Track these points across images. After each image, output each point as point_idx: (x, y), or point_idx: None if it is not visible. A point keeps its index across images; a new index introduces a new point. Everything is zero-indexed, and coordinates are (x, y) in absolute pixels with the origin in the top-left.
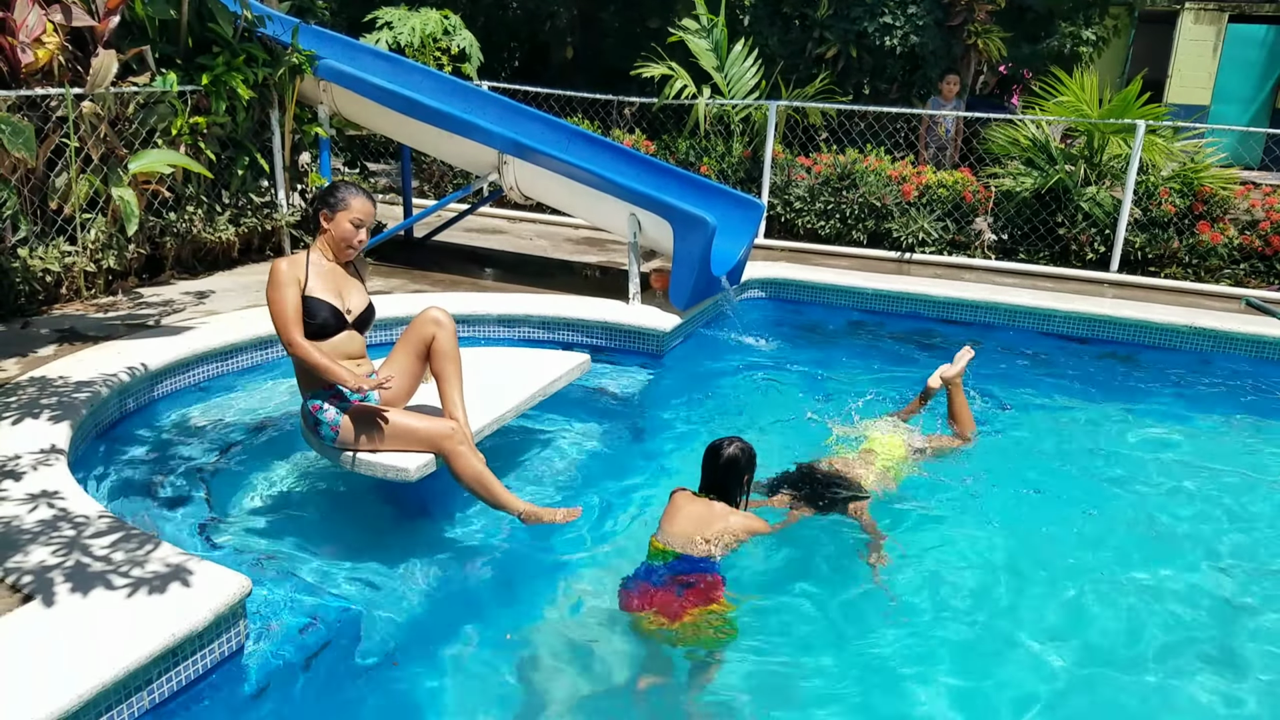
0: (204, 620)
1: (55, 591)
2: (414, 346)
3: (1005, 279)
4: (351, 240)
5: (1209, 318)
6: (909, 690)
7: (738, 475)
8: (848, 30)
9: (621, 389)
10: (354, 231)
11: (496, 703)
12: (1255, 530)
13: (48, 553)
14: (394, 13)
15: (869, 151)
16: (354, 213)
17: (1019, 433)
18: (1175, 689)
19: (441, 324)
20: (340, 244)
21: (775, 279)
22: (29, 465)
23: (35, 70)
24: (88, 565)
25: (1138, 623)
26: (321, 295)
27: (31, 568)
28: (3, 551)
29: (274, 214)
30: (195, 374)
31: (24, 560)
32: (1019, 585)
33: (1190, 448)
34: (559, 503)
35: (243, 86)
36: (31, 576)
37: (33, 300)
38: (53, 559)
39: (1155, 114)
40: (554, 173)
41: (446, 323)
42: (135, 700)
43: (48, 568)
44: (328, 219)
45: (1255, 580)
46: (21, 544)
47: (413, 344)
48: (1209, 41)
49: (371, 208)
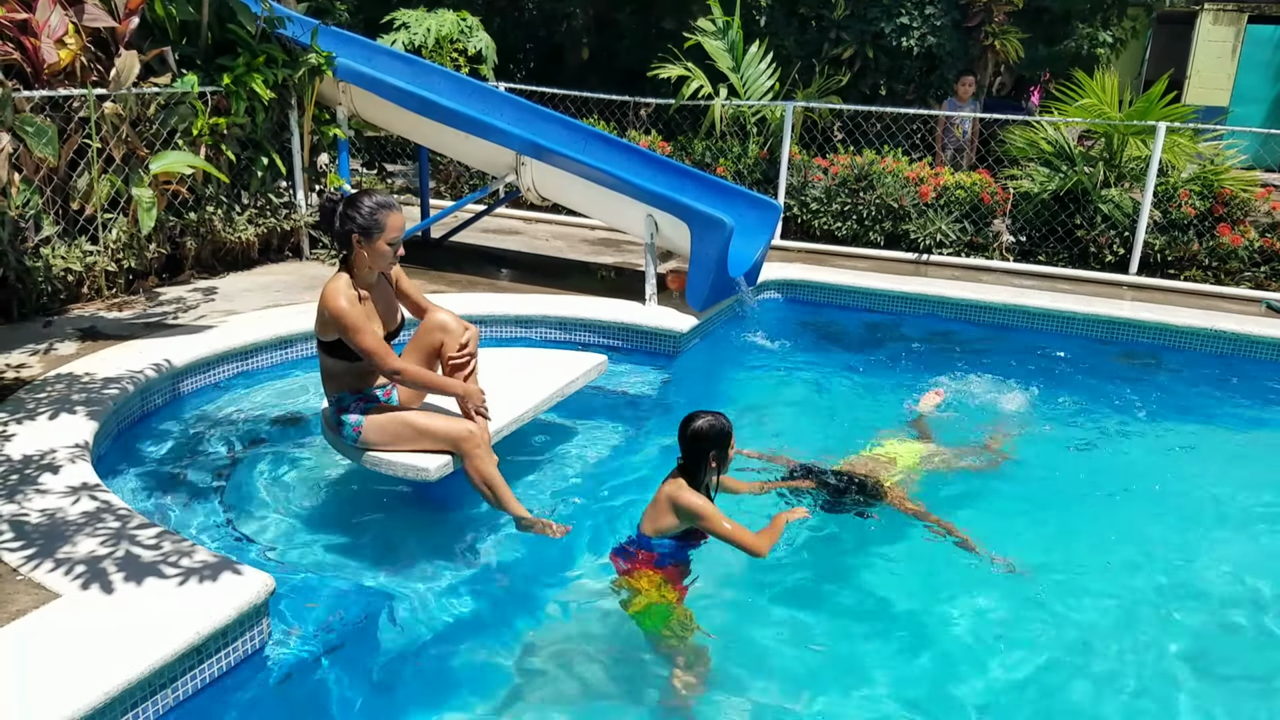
0: (228, 618)
1: (82, 588)
2: (423, 351)
3: (1024, 281)
4: (390, 258)
5: (1229, 320)
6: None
7: (701, 451)
8: (864, 31)
9: (637, 390)
10: (390, 252)
11: (515, 696)
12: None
13: (74, 549)
14: (411, 14)
15: (886, 153)
16: (390, 233)
17: (1039, 435)
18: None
19: (449, 330)
20: (379, 263)
21: (791, 280)
22: (55, 461)
23: (58, 71)
24: (114, 562)
25: (1150, 624)
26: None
27: (59, 564)
28: (31, 547)
29: (293, 214)
30: (216, 373)
31: (52, 556)
32: (1040, 587)
33: (1209, 451)
34: (572, 503)
35: (262, 87)
36: (59, 572)
37: (55, 299)
38: (79, 555)
39: (1179, 115)
40: (571, 174)
41: (454, 329)
42: (160, 697)
43: (74, 564)
44: (362, 243)
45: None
46: (49, 541)
47: (422, 349)
48: (1228, 42)
49: (403, 219)
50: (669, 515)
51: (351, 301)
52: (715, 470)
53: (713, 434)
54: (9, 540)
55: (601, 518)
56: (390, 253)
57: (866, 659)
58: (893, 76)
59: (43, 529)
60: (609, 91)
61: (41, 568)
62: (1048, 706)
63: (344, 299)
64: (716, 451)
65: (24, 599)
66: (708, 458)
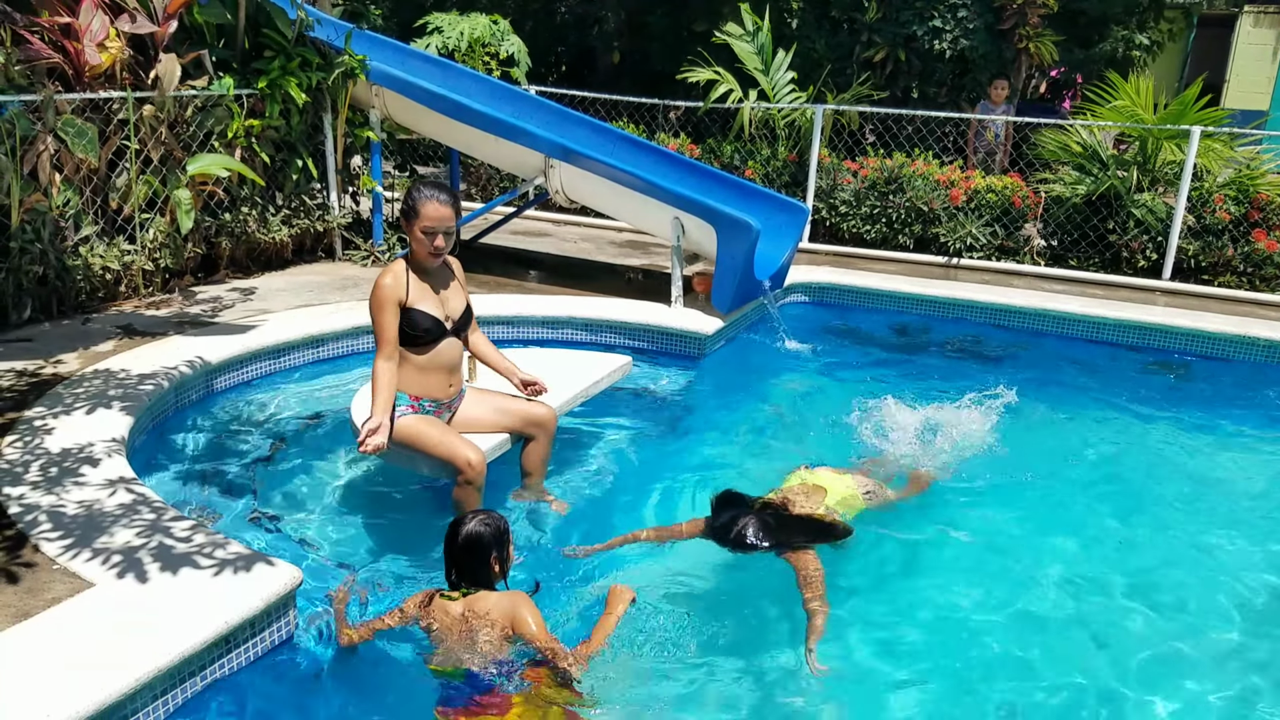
0: (256, 609)
1: (117, 577)
2: (509, 422)
3: (1054, 286)
4: (428, 247)
5: (1262, 327)
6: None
7: (481, 556)
8: (896, 34)
9: (662, 391)
10: (425, 240)
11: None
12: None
13: (110, 540)
14: (444, 18)
15: (917, 156)
16: (424, 220)
17: (1065, 438)
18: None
19: (545, 427)
20: (418, 248)
21: (819, 283)
22: (92, 455)
23: (98, 74)
24: (148, 553)
25: (1175, 629)
26: (422, 306)
27: (95, 554)
28: (68, 538)
29: (326, 215)
30: (249, 370)
31: (88, 547)
32: (1073, 588)
33: (1237, 459)
34: (592, 501)
35: (296, 90)
36: (95, 563)
37: (93, 297)
38: (114, 546)
39: (1214, 119)
40: (599, 176)
41: (550, 425)
42: (189, 685)
43: (109, 554)
44: (405, 226)
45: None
46: (85, 532)
47: (509, 421)
48: (1269, 45)
49: (446, 210)
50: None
51: (396, 279)
52: (500, 576)
53: (488, 536)
54: (47, 531)
55: (623, 516)
56: (426, 241)
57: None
58: (925, 79)
59: (79, 521)
60: (640, 94)
61: (78, 558)
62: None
63: (389, 276)
64: (498, 553)
65: (60, 587)
66: (490, 560)
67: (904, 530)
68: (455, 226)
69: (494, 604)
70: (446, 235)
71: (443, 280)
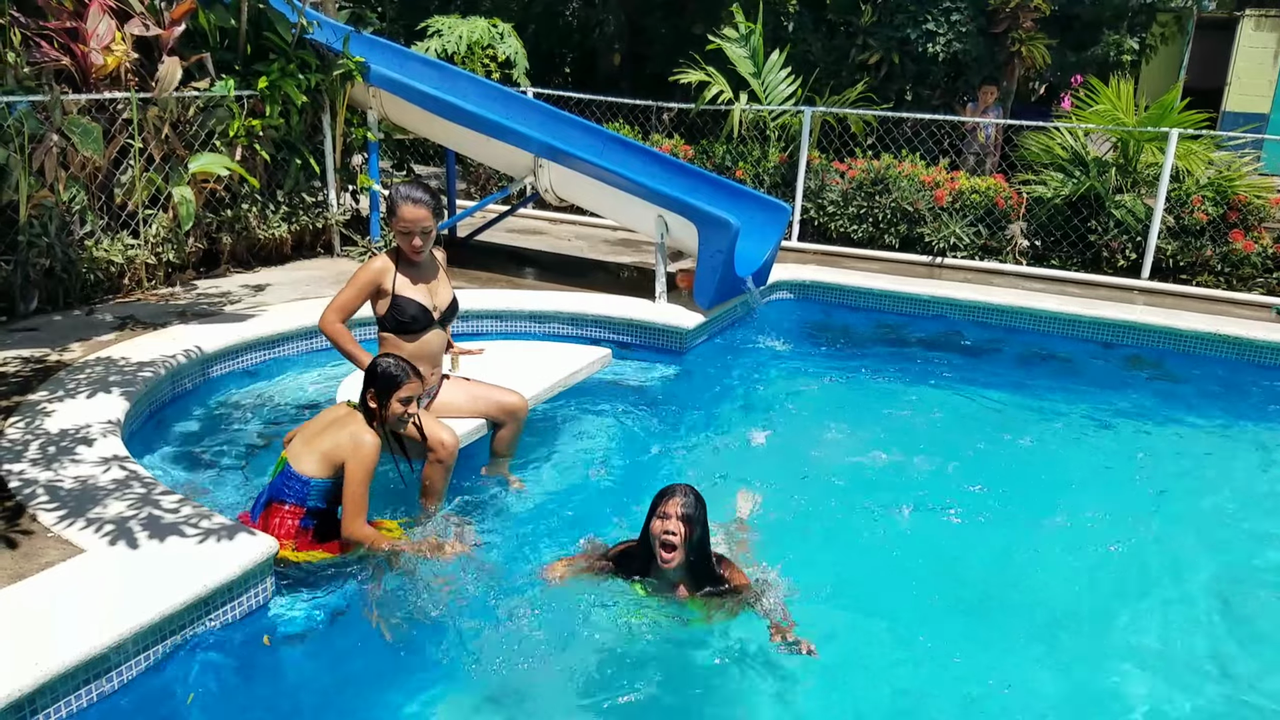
0: (233, 574)
1: (106, 545)
2: (483, 409)
3: (1035, 284)
4: (406, 244)
5: (1234, 325)
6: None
7: (364, 385)
8: (891, 37)
9: (642, 383)
10: (405, 239)
11: (506, 666)
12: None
13: (102, 511)
14: (445, 21)
15: (904, 157)
16: (400, 221)
17: (1040, 436)
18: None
19: (515, 415)
20: (403, 245)
21: (804, 281)
22: (89, 435)
23: (104, 75)
24: (136, 523)
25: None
26: (411, 294)
27: (87, 524)
28: (63, 509)
29: (325, 213)
30: (244, 359)
31: (81, 517)
32: (1049, 581)
33: (1211, 454)
34: (570, 485)
35: (296, 92)
36: (87, 531)
37: (97, 289)
38: (106, 517)
39: (1193, 121)
40: (586, 175)
41: (520, 414)
42: (168, 642)
43: (100, 524)
44: (389, 225)
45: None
46: (79, 504)
47: (483, 408)
48: (1270, 49)
49: (421, 212)
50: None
51: (384, 266)
52: (371, 416)
53: (380, 376)
54: (44, 502)
55: (600, 503)
56: (404, 241)
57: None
58: (919, 82)
59: (74, 494)
60: (640, 96)
61: (72, 527)
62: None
63: (379, 260)
64: (376, 391)
65: (53, 553)
66: (365, 395)
67: (872, 527)
68: (433, 226)
69: (353, 429)
70: (424, 234)
71: (431, 273)
